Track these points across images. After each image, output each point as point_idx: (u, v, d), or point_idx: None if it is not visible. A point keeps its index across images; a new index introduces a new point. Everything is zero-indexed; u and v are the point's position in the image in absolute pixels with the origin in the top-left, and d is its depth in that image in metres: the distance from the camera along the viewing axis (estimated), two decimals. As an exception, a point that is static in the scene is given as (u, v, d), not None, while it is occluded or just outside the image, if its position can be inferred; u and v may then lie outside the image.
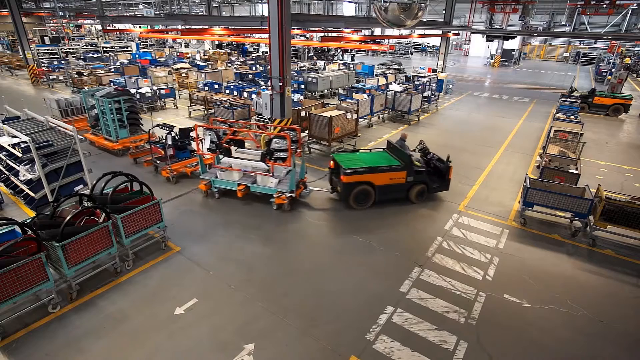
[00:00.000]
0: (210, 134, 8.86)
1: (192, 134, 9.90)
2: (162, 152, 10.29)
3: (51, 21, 42.55)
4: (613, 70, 27.48)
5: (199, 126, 9.13)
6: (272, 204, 8.77)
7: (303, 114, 12.55)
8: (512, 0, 37.49)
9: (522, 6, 38.58)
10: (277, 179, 8.75)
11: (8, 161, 8.43)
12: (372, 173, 8.63)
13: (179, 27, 26.42)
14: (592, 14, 36.50)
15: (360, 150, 9.94)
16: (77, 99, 13.69)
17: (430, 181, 9.26)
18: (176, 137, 10.22)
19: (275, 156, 8.38)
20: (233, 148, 9.13)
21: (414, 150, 9.96)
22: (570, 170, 9.31)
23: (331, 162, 9.09)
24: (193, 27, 24.54)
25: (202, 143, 8.98)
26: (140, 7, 46.19)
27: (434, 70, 25.64)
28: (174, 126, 10.35)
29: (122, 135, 11.67)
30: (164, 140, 10.21)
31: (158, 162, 10.43)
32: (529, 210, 8.52)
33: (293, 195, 8.68)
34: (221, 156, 9.20)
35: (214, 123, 9.82)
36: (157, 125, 10.54)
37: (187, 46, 43.45)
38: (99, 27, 42.76)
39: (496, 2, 38.17)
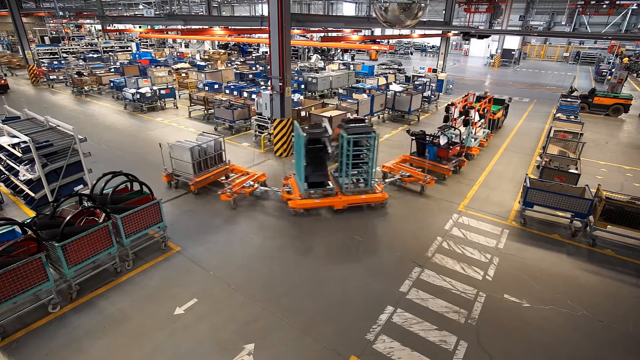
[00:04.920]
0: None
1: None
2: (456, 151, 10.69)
3: (51, 21, 42.53)
4: (613, 70, 27.46)
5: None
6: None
7: (303, 114, 12.54)
8: (485, 0, 37.72)
9: (495, 6, 38.78)
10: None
11: (8, 161, 8.43)
12: (498, 112, 15.03)
13: (179, 27, 26.41)
14: (592, 14, 36.44)
15: None
16: (212, 144, 9.54)
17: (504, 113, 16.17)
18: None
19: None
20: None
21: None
22: (570, 170, 9.31)
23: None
24: (193, 27, 24.54)
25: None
26: (140, 7, 46.20)
27: (434, 70, 25.62)
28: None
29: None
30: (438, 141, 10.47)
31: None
32: (529, 210, 8.52)
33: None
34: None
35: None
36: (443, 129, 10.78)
37: (187, 46, 43.46)
38: (99, 27, 42.79)
39: (471, 2, 38.24)
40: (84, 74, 21.31)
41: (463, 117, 11.90)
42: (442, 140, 10.39)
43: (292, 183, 9.26)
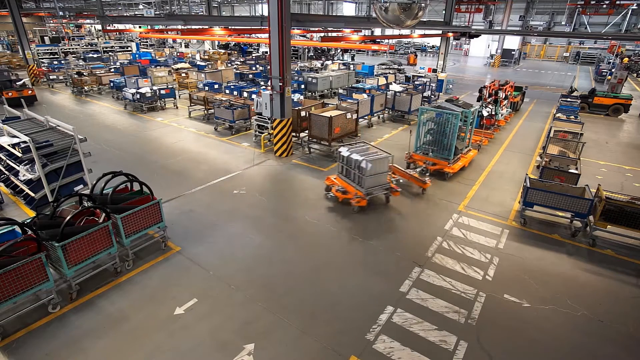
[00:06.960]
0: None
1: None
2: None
3: (51, 21, 42.54)
4: (613, 70, 27.46)
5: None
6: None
7: (303, 114, 12.54)
8: (475, 0, 37.91)
9: (485, 6, 38.95)
10: None
11: (8, 161, 8.43)
12: (517, 96, 18.50)
13: (179, 27, 26.40)
14: (592, 14, 36.54)
15: None
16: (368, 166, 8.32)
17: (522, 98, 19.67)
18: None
19: None
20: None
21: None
22: (570, 170, 9.30)
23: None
24: (193, 27, 24.53)
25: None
26: (140, 7, 46.22)
27: (434, 70, 25.63)
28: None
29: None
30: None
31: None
32: (529, 210, 8.52)
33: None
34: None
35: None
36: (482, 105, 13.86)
37: (187, 46, 43.49)
38: (99, 27, 42.77)
39: (461, 2, 38.38)
40: (84, 74, 21.31)
41: (492, 96, 14.83)
42: (485, 112, 13.65)
43: (427, 158, 10.99)
